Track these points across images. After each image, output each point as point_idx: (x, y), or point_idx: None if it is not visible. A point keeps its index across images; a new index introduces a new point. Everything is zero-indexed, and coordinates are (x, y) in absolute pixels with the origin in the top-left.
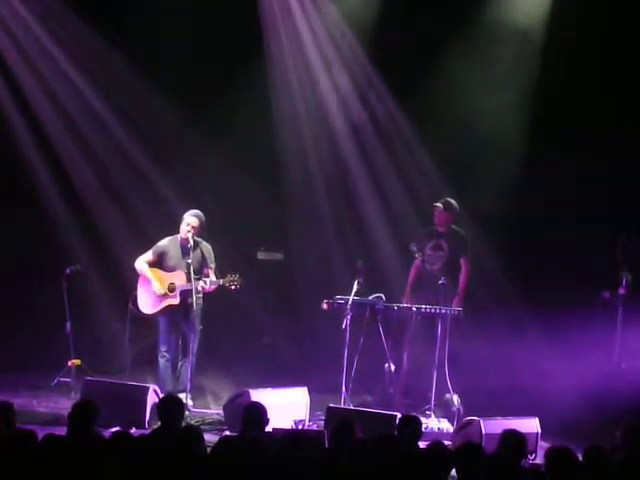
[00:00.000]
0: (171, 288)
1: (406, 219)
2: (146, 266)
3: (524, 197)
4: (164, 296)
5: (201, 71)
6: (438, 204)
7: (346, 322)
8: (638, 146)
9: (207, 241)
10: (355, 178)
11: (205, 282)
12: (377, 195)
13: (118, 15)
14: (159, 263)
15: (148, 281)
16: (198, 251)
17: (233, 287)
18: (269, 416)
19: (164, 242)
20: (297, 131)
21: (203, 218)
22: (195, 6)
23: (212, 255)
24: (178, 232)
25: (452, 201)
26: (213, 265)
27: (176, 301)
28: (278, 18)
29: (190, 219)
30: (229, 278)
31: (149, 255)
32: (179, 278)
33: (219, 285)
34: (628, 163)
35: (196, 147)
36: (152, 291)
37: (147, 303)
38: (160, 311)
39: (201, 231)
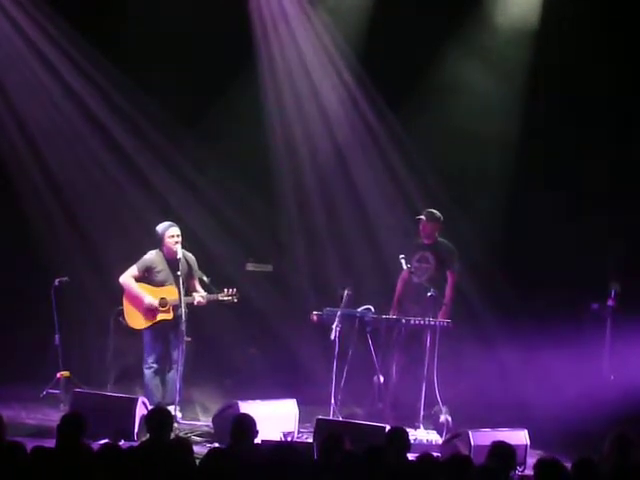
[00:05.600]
0: (162, 303)
1: (397, 230)
2: (133, 281)
3: (515, 207)
4: (156, 311)
5: (189, 87)
6: (421, 216)
7: (335, 334)
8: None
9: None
10: (346, 189)
11: (203, 297)
12: (367, 207)
13: (116, 18)
14: (145, 279)
15: (135, 296)
16: (184, 263)
17: (231, 301)
18: (258, 428)
19: (149, 256)
20: (289, 142)
21: None
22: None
23: (196, 264)
24: (162, 245)
25: (434, 211)
26: (202, 276)
27: (170, 316)
28: (269, 25)
29: (177, 230)
30: (226, 292)
31: (134, 271)
32: (170, 293)
33: (216, 300)
34: (624, 171)
35: (184, 159)
36: (142, 306)
37: (137, 319)
38: (151, 326)
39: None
